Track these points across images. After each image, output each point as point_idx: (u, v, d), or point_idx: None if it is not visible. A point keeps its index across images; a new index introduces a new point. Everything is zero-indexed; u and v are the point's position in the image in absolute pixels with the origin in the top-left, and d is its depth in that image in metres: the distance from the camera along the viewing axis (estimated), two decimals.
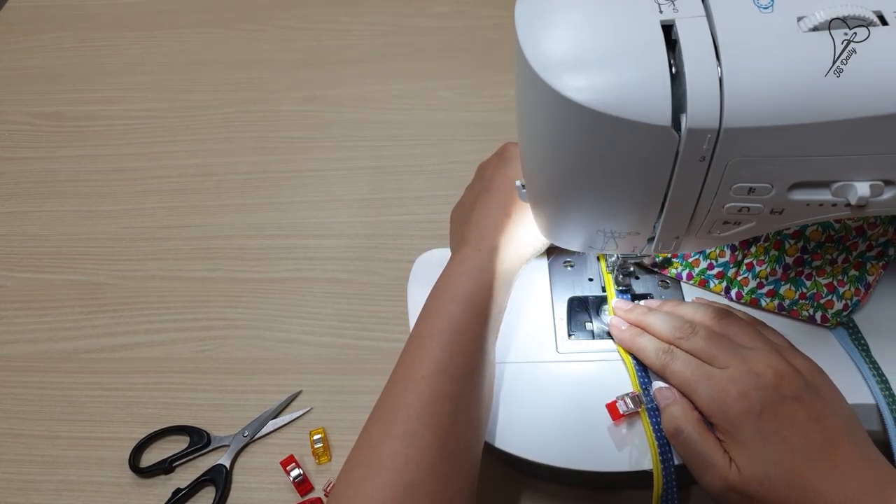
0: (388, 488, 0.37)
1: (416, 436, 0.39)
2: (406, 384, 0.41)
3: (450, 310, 0.44)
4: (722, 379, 0.40)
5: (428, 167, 0.74)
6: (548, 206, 0.42)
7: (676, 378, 0.43)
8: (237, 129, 0.81)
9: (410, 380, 0.41)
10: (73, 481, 0.55)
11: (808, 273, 0.49)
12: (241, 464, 0.55)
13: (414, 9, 0.94)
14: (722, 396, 0.40)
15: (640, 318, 0.47)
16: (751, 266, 0.50)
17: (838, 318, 0.48)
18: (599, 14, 0.33)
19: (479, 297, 0.45)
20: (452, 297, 0.44)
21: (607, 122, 0.32)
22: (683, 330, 0.44)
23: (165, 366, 0.61)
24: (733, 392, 0.40)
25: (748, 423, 0.39)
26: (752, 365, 0.40)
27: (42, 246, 0.71)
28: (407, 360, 0.43)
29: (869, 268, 0.49)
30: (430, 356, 0.42)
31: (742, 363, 0.41)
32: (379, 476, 0.38)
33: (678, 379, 0.43)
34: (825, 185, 0.35)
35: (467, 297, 0.44)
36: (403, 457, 0.38)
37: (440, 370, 0.41)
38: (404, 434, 0.39)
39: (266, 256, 0.68)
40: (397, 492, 0.37)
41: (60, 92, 0.88)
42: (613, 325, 0.48)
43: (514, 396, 0.46)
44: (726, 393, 0.40)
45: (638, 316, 0.47)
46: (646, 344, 0.45)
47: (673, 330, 0.45)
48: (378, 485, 0.38)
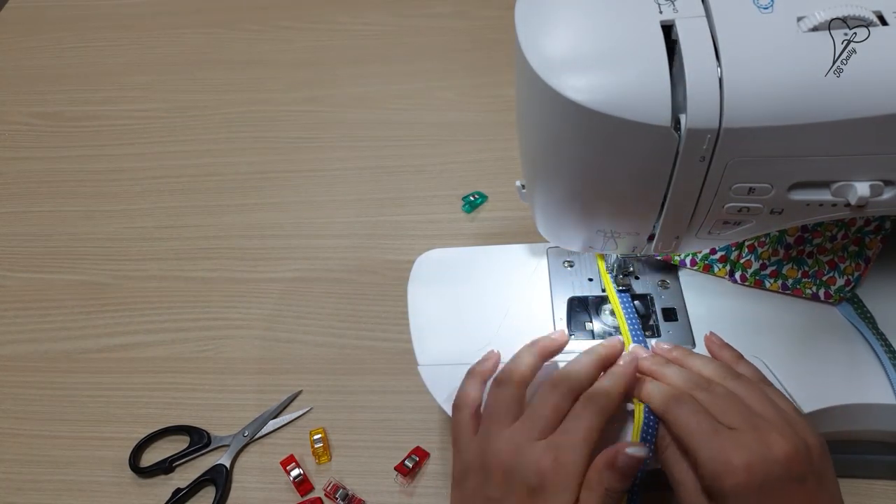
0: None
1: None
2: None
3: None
4: (729, 440, 0.37)
5: (428, 167, 0.74)
6: (548, 206, 0.42)
7: (679, 426, 0.39)
8: (237, 129, 0.81)
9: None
10: (74, 481, 0.55)
11: (810, 251, 0.50)
12: (241, 464, 0.55)
13: (414, 9, 0.94)
14: (724, 460, 0.36)
15: (655, 369, 0.44)
16: (752, 248, 0.51)
17: (841, 293, 0.49)
18: (599, 14, 0.33)
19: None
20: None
21: (607, 123, 0.32)
22: (697, 383, 0.41)
23: (165, 366, 0.61)
24: (738, 461, 0.36)
25: (744, 497, 0.36)
26: (765, 434, 0.37)
27: (42, 246, 0.71)
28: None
29: (868, 242, 0.50)
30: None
31: (752, 429, 0.37)
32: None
33: (680, 427, 0.39)
34: (825, 185, 0.35)
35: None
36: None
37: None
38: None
39: (266, 256, 0.68)
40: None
41: (60, 92, 0.88)
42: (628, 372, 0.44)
43: None
44: (729, 457, 0.36)
45: (652, 366, 0.44)
46: (654, 388, 0.42)
47: (687, 381, 0.42)
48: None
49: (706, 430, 0.38)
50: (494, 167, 0.73)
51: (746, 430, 0.37)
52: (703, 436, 0.38)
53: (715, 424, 0.38)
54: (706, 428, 0.38)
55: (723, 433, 0.37)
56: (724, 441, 0.37)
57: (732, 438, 0.37)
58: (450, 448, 0.53)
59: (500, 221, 0.69)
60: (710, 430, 0.38)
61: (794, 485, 0.36)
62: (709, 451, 0.37)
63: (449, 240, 0.67)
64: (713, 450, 0.37)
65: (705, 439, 0.37)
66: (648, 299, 0.51)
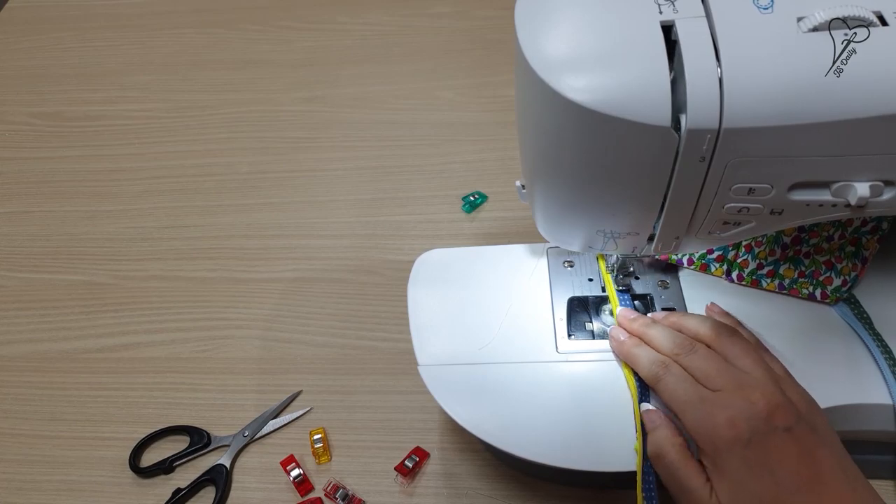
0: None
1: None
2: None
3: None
4: (714, 402, 0.39)
5: (428, 167, 0.74)
6: (548, 206, 0.42)
7: (667, 394, 0.41)
8: (237, 129, 0.81)
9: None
10: (74, 481, 0.55)
11: (807, 251, 0.50)
12: (241, 464, 0.55)
13: (414, 9, 0.94)
14: (710, 421, 0.38)
15: (642, 330, 0.46)
16: (749, 247, 0.51)
17: (838, 293, 0.49)
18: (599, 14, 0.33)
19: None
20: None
21: (607, 123, 0.32)
22: (683, 346, 0.43)
23: (165, 366, 0.61)
24: (722, 418, 0.38)
25: (734, 452, 0.37)
26: (746, 392, 0.38)
27: (42, 246, 0.71)
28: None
29: (865, 242, 0.50)
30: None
31: (736, 388, 0.39)
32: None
33: (668, 395, 0.41)
34: (825, 186, 0.35)
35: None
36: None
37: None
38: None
39: (266, 256, 0.68)
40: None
41: (60, 92, 0.88)
42: (613, 335, 0.47)
43: (514, 396, 0.46)
44: (715, 418, 0.38)
45: (639, 327, 0.46)
46: (641, 354, 0.44)
47: (672, 345, 0.43)
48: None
49: (692, 398, 0.40)
50: (494, 167, 0.73)
51: (730, 390, 0.39)
52: (689, 404, 0.40)
53: (700, 391, 0.40)
54: (692, 396, 0.40)
55: (707, 397, 0.39)
56: (709, 405, 0.39)
57: (716, 399, 0.39)
58: (449, 448, 0.53)
59: (500, 221, 0.69)
60: (696, 396, 0.40)
61: (783, 434, 0.37)
62: (695, 415, 0.39)
63: (449, 240, 0.67)
64: (699, 413, 0.39)
65: (691, 407, 0.39)
66: (648, 299, 0.51)
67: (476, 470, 0.52)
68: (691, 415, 0.39)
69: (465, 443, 0.54)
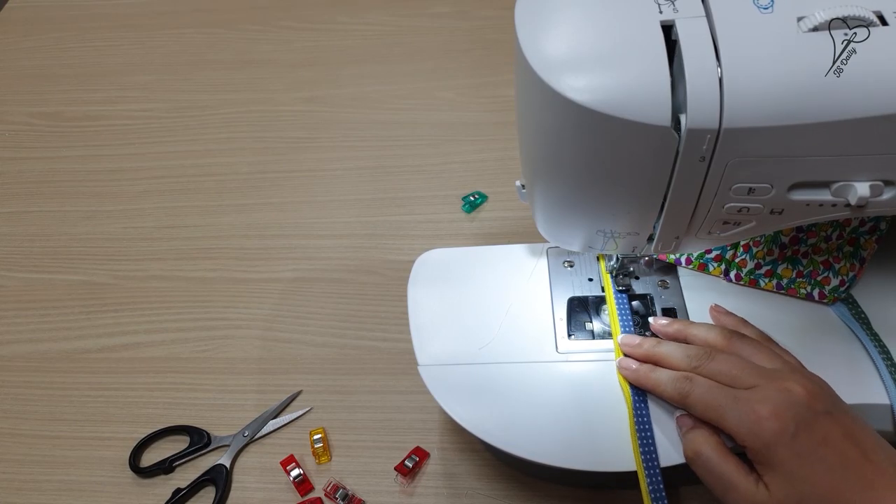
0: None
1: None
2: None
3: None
4: (751, 399, 0.38)
5: (428, 167, 0.74)
6: (548, 206, 0.42)
7: (700, 405, 0.40)
8: (237, 129, 0.81)
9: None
10: (74, 481, 0.55)
11: (805, 251, 0.50)
12: (241, 464, 0.55)
13: (414, 9, 0.94)
14: (753, 417, 0.38)
15: (651, 352, 0.45)
16: (748, 247, 0.51)
17: (836, 294, 0.49)
18: (599, 14, 0.33)
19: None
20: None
21: (607, 123, 0.32)
22: (699, 356, 0.42)
23: (165, 366, 0.61)
24: (765, 412, 0.37)
25: (783, 443, 0.37)
26: (780, 383, 0.39)
27: (42, 246, 0.71)
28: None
29: (863, 243, 0.50)
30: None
31: (770, 382, 0.39)
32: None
33: (702, 406, 0.40)
34: (825, 186, 0.35)
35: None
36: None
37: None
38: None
39: (266, 256, 0.68)
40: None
41: (60, 92, 0.88)
42: (624, 365, 0.45)
43: (514, 396, 0.46)
44: (757, 413, 0.38)
45: (648, 350, 0.45)
46: (661, 377, 0.43)
47: (688, 358, 0.42)
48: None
49: (727, 401, 0.39)
50: (494, 167, 0.73)
51: (763, 385, 0.39)
52: (726, 408, 0.39)
53: (731, 391, 0.39)
54: (726, 398, 0.39)
55: (742, 396, 0.39)
56: (746, 401, 0.38)
57: (753, 396, 0.38)
58: (449, 448, 0.53)
59: (500, 221, 0.69)
60: (730, 398, 0.39)
61: (825, 417, 0.38)
62: (735, 416, 0.38)
63: (449, 240, 0.67)
64: (739, 412, 0.38)
65: (728, 408, 0.39)
66: (648, 299, 0.51)
67: (476, 470, 0.52)
68: (732, 416, 0.39)
69: (465, 443, 0.54)
